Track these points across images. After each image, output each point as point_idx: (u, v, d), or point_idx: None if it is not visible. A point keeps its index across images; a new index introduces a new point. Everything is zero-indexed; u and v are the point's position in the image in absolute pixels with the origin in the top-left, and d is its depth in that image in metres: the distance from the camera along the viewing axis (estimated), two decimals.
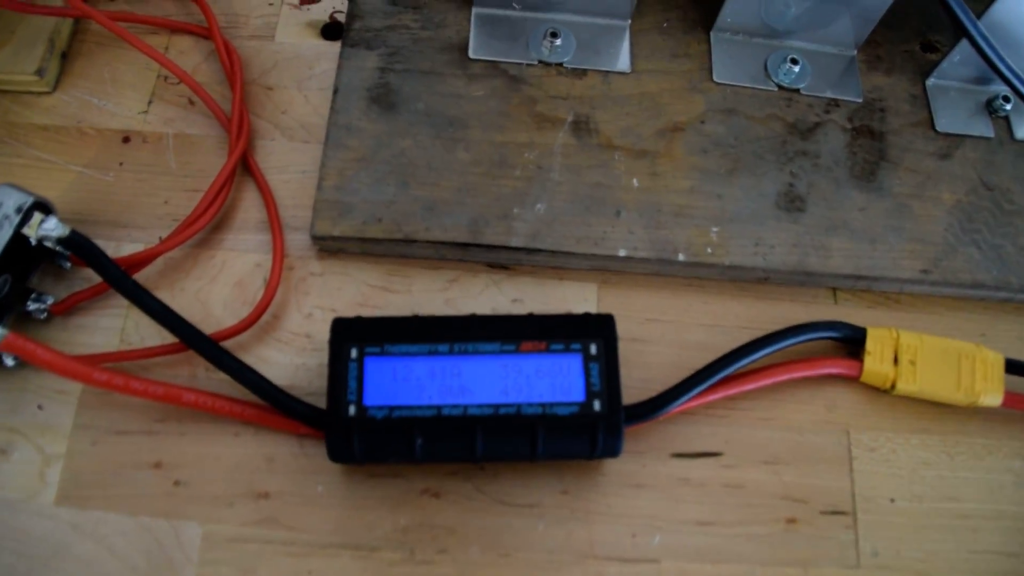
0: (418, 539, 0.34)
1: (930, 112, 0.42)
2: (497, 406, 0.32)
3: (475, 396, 0.33)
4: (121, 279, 0.35)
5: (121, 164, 0.40)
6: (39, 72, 0.41)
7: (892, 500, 0.36)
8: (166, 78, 0.42)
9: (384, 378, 0.33)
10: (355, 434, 0.32)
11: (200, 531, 0.34)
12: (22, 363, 0.36)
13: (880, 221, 0.39)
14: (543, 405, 0.33)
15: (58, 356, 0.33)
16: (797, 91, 0.42)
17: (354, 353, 0.33)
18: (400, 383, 0.33)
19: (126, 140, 0.41)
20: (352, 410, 0.32)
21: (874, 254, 0.38)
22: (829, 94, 0.42)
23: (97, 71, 0.42)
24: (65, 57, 0.42)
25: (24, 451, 0.35)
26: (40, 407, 0.36)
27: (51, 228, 0.35)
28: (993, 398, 0.37)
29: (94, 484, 0.35)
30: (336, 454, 0.33)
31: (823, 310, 0.39)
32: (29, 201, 0.35)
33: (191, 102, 0.41)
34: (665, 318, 0.38)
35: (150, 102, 0.42)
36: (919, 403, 0.38)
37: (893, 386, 0.37)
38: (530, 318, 0.34)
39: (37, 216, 0.35)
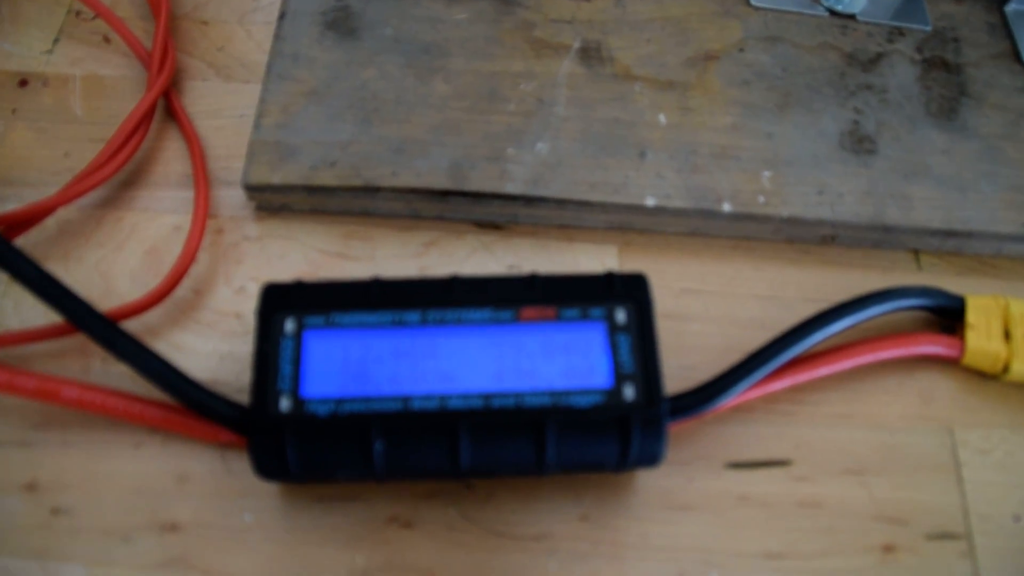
0: None
1: (1013, 42, 0.32)
2: (489, 396, 0.21)
3: (458, 383, 0.21)
4: None
5: (14, 111, 0.29)
6: None
7: (1017, 518, 0.25)
8: (78, 13, 0.32)
9: (330, 360, 0.22)
10: (289, 437, 0.21)
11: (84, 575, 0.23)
12: None
13: (969, 166, 0.28)
14: (554, 394, 0.21)
15: None
16: (852, 17, 0.31)
17: (289, 326, 0.22)
18: (352, 366, 0.22)
19: (23, 84, 0.30)
20: (285, 404, 0.21)
21: (966, 205, 0.28)
22: (891, 22, 0.31)
23: None
24: None
25: None
26: None
27: None
28: None
29: None
30: (264, 467, 0.22)
31: (904, 278, 0.28)
32: None
33: (107, 39, 0.31)
34: (707, 288, 0.27)
35: (56, 40, 0.31)
36: None
37: (1006, 368, 0.26)
38: (533, 279, 0.23)
39: None
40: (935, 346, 0.26)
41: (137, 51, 0.30)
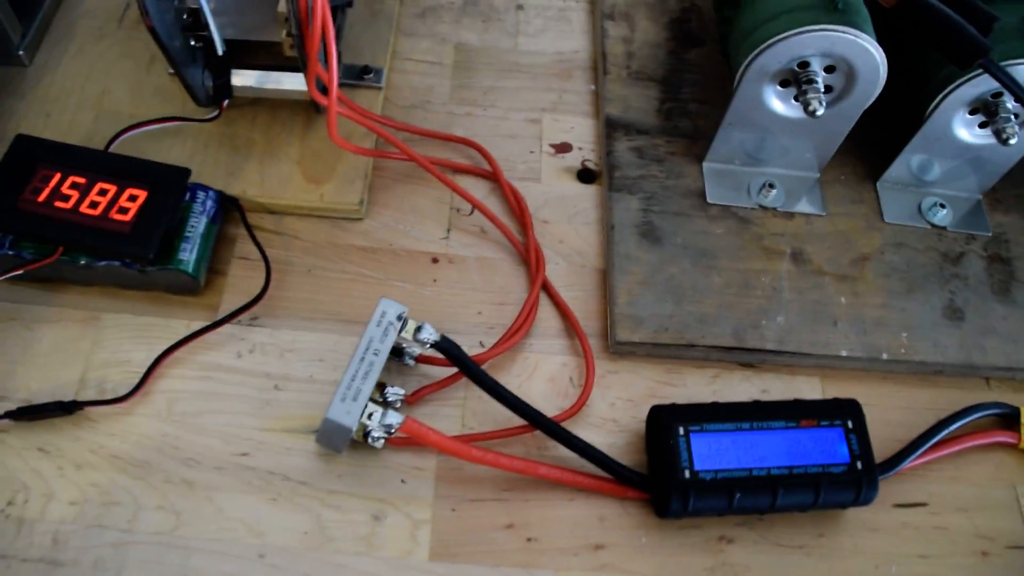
0: (721, 575, 0.48)
1: None
2: (791, 468, 0.47)
3: (774, 461, 0.47)
4: (481, 375, 0.49)
5: (435, 281, 0.54)
6: (360, 203, 0.54)
7: None
8: (458, 210, 0.56)
9: (707, 449, 0.47)
10: (691, 493, 0.46)
11: None
12: (385, 444, 0.49)
13: (1020, 326, 0.56)
14: (822, 466, 0.48)
15: (444, 437, 0.46)
16: (944, 228, 0.59)
17: (681, 431, 0.47)
18: (718, 452, 0.47)
19: (435, 261, 0.55)
20: (687, 474, 0.46)
21: (1018, 351, 0.55)
22: (967, 230, 0.59)
23: (397, 202, 0.56)
24: (369, 190, 0.56)
25: (395, 517, 0.48)
26: (403, 481, 0.48)
27: (428, 335, 0.48)
28: None
29: (458, 543, 0.47)
30: (669, 511, 0.47)
31: (981, 395, 0.56)
32: (405, 311, 0.48)
33: (483, 231, 0.56)
34: (872, 403, 0.54)
35: (448, 230, 0.56)
36: None
37: None
38: (798, 402, 0.49)
39: (411, 324, 0.48)
40: (1004, 437, 0.53)
41: (512, 241, 0.55)
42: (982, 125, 0.55)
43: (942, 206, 0.59)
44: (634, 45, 0.63)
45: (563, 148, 0.59)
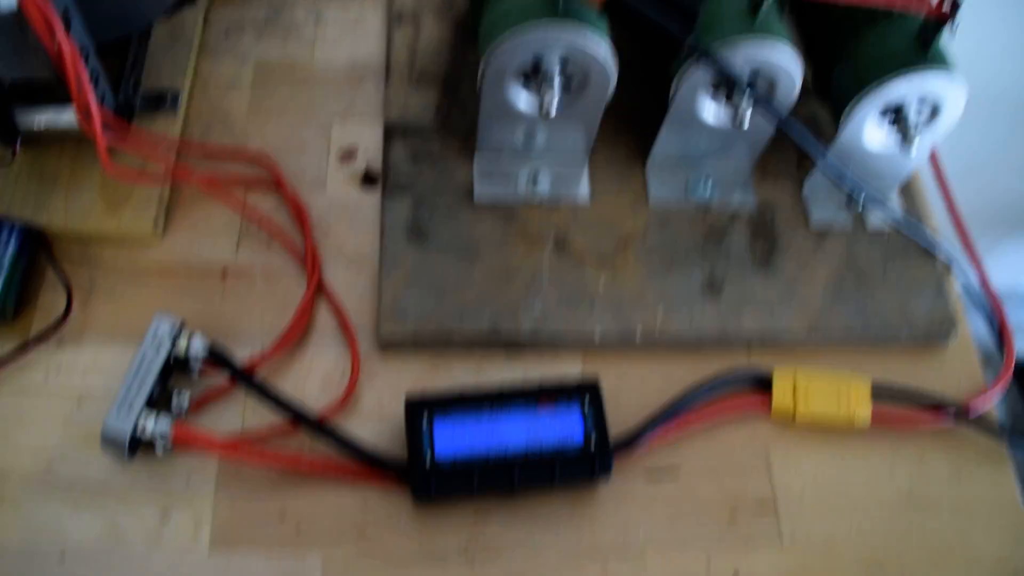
0: (476, 551, 0.52)
1: (806, 212, 0.63)
2: (527, 450, 0.51)
3: (512, 444, 0.51)
4: (247, 378, 0.53)
5: (223, 291, 0.58)
6: (155, 225, 0.59)
7: (803, 490, 0.56)
8: (248, 225, 0.60)
9: (447, 436, 0.51)
10: (432, 478, 0.50)
11: (320, 559, 0.52)
12: (173, 449, 0.53)
13: (776, 295, 0.59)
14: (556, 446, 0.52)
15: (212, 440, 0.51)
16: (710, 204, 0.62)
17: (425, 420, 0.52)
18: (460, 438, 0.51)
19: (224, 273, 0.59)
20: (429, 461, 0.51)
21: (773, 319, 0.59)
22: (732, 204, 0.62)
23: (193, 219, 0.61)
24: (167, 211, 0.60)
25: (180, 514, 0.53)
26: (188, 481, 0.53)
27: (199, 347, 0.53)
28: (864, 414, 0.57)
29: (235, 534, 0.52)
30: (419, 495, 0.51)
31: (741, 362, 0.59)
32: (179, 324, 0.52)
33: (270, 241, 0.60)
34: (630, 378, 0.58)
35: (238, 244, 0.60)
36: (814, 427, 0.58)
37: (794, 417, 0.57)
38: (542, 386, 0.53)
39: (185, 336, 0.53)
40: (754, 408, 0.57)
41: (290, 249, 0.59)
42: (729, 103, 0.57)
43: (707, 182, 0.62)
44: (418, 48, 0.66)
45: (349, 155, 0.63)
